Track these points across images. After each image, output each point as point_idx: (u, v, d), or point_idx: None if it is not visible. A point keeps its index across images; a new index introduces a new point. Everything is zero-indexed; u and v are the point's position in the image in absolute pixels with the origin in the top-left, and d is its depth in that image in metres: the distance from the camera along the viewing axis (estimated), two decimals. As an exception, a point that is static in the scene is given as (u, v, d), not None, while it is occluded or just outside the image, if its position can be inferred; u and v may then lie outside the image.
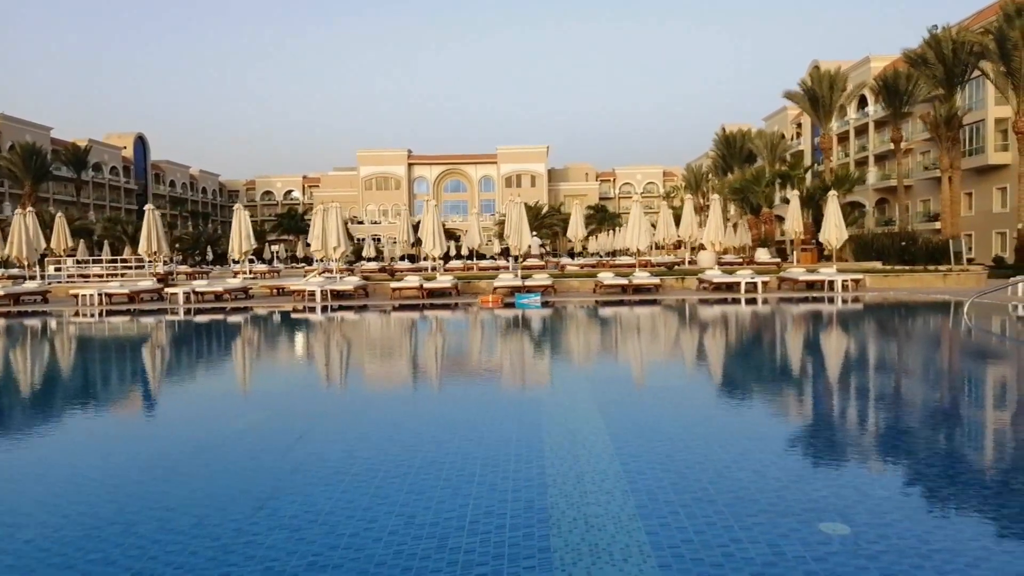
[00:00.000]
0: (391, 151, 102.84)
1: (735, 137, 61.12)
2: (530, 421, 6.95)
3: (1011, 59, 30.54)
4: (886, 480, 4.94)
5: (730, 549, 3.71)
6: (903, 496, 4.57)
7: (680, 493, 4.55)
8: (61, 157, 71.07)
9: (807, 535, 3.86)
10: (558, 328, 16.55)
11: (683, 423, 6.68)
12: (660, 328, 16.53)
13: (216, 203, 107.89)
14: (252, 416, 7.57)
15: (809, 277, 23.62)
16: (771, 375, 10.02)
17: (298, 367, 11.83)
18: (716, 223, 24.81)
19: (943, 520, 4.13)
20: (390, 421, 7.25)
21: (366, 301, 23.53)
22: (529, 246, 61.66)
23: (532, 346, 13.55)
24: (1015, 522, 4.08)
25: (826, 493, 4.53)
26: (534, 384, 9.62)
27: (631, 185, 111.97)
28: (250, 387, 10.03)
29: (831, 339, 14.08)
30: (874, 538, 3.81)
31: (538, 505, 4.41)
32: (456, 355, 13.06)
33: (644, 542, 3.82)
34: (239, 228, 25.27)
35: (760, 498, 4.43)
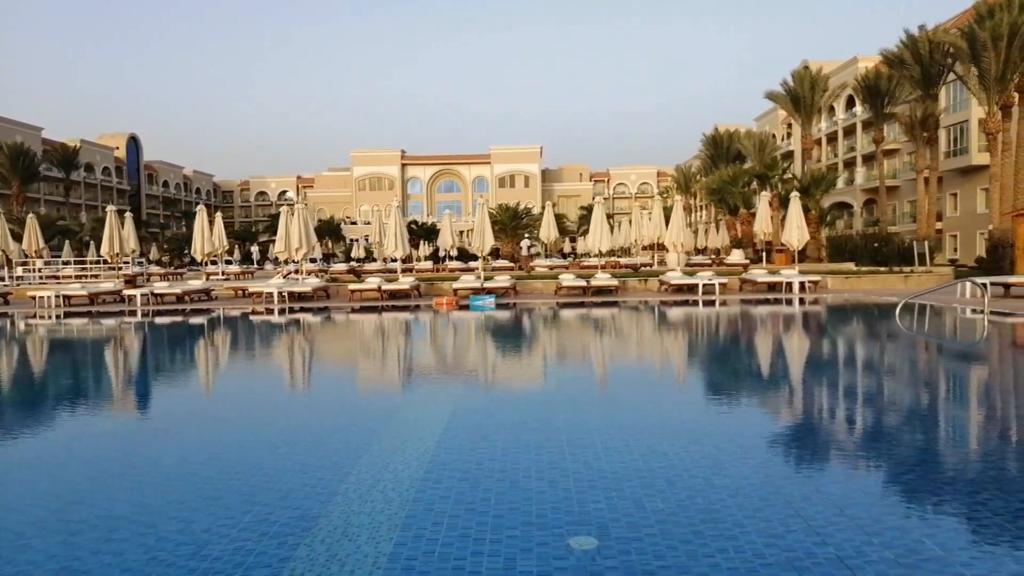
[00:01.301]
0: (385, 151, 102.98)
1: (722, 137, 61.12)
2: (370, 428, 7.02)
3: (981, 60, 30.47)
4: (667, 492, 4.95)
5: (464, 564, 3.73)
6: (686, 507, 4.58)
7: (459, 504, 4.57)
8: (51, 158, 71.23)
9: (551, 549, 3.88)
10: (490, 331, 16.57)
11: (521, 430, 6.66)
12: (588, 331, 16.52)
13: (210, 203, 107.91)
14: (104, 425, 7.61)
15: (769, 279, 23.60)
16: (659, 376, 10.04)
17: (195, 372, 11.86)
18: (678, 225, 24.79)
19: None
20: (224, 422, 7.31)
21: (327, 303, 23.58)
22: (522, 246, 61.79)
23: (441, 350, 13.67)
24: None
25: (602, 505, 4.55)
26: (404, 389, 9.64)
27: (625, 185, 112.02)
28: (140, 394, 10.06)
29: (752, 340, 14.12)
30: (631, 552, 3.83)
31: (311, 513, 4.43)
32: (358, 358, 13.11)
33: (384, 553, 3.84)
34: (201, 229, 25.34)
35: (533, 510, 4.45)
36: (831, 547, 3.81)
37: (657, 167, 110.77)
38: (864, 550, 3.78)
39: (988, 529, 4.07)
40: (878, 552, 3.75)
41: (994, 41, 29.78)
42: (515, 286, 24.44)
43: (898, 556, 3.70)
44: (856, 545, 3.83)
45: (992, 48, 29.90)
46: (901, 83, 40.56)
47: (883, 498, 4.64)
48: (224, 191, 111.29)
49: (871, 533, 4.00)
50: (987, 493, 4.63)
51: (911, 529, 4.06)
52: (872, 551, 3.76)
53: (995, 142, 31.31)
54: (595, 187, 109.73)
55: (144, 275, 31.98)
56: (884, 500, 4.60)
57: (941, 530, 4.06)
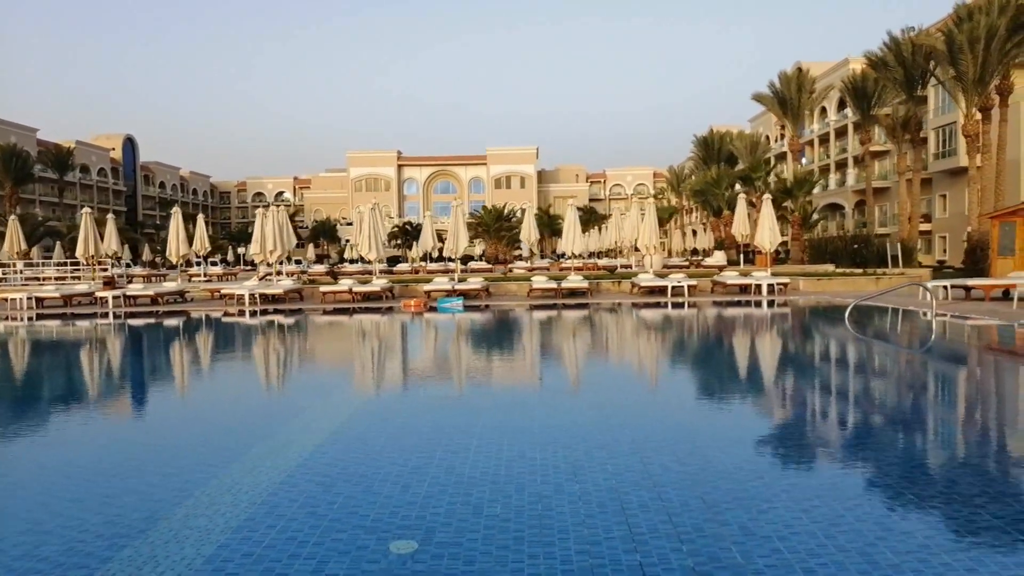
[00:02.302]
0: (381, 152, 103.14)
1: (713, 139, 61.11)
2: (262, 431, 7.16)
3: (959, 62, 30.50)
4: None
5: (276, 566, 3.84)
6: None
7: (303, 507, 4.68)
8: (44, 159, 71.50)
9: (368, 553, 3.99)
10: (441, 334, 16.71)
11: (405, 433, 6.79)
12: (536, 334, 16.62)
13: (207, 204, 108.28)
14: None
15: (739, 281, 23.69)
16: (574, 380, 10.15)
17: (124, 374, 11.99)
18: (651, 227, 24.87)
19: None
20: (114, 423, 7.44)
21: (300, 305, 23.70)
22: (519, 247, 61.78)
23: (378, 353, 13.86)
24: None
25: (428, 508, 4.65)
26: (317, 392, 9.76)
27: (621, 186, 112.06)
28: (80, 397, 10.19)
29: (689, 342, 14.23)
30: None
31: (158, 515, 4.55)
32: (291, 361, 13.25)
33: (204, 555, 3.96)
34: (176, 231, 25.50)
35: (371, 514, 4.56)
36: (639, 555, 3.92)
37: (654, 168, 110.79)
38: (669, 557, 3.88)
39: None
40: (680, 560, 3.85)
41: (971, 44, 29.82)
42: (488, 288, 24.55)
43: (697, 564, 3.80)
44: (663, 553, 3.93)
45: (969, 51, 29.94)
46: (887, 85, 40.61)
47: (708, 505, 4.73)
48: (221, 192, 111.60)
49: (683, 540, 4.10)
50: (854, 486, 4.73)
51: (720, 536, 4.16)
52: (676, 559, 3.86)
53: (973, 144, 31.35)
54: (591, 188, 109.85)
55: (124, 276, 32.14)
56: (715, 506, 4.69)
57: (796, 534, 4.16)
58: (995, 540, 4.04)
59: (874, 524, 4.25)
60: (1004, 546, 3.96)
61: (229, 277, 34.95)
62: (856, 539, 4.04)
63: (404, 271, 35.53)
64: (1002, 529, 4.17)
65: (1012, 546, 3.97)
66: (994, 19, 29.92)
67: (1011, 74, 32.85)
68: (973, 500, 4.65)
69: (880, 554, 3.86)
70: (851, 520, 4.30)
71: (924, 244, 54.63)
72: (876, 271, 25.88)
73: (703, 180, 44.63)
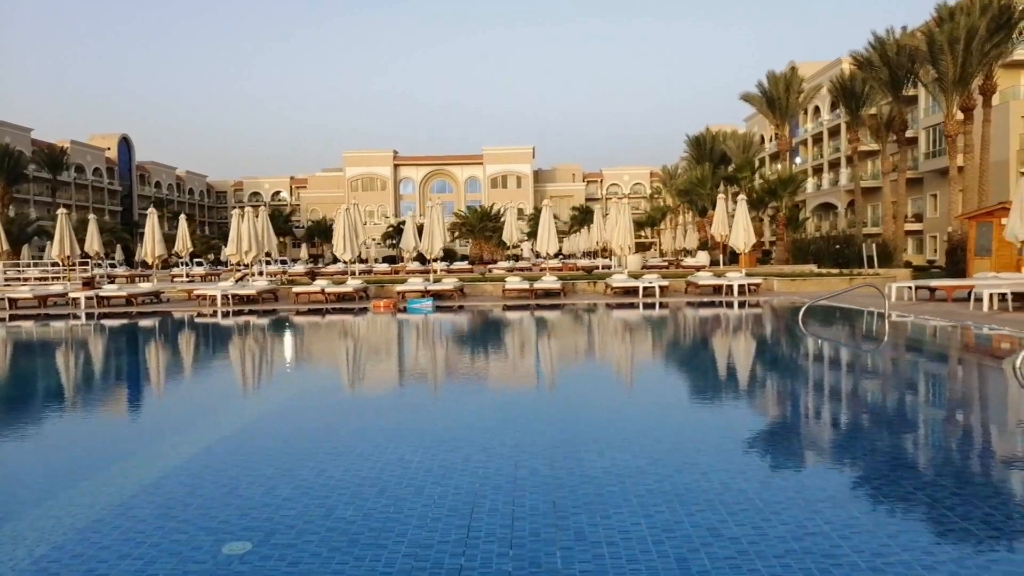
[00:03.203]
0: (377, 152, 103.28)
1: (705, 139, 61.07)
2: (159, 434, 7.27)
3: (939, 63, 30.49)
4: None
5: (100, 566, 3.91)
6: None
7: (156, 509, 4.75)
8: (37, 158, 71.73)
9: (199, 553, 4.06)
10: (396, 335, 16.81)
11: (297, 438, 6.84)
12: (488, 335, 16.72)
13: (204, 204, 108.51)
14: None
15: (712, 281, 23.73)
16: (499, 381, 10.21)
17: (51, 373, 12.08)
18: (624, 227, 24.90)
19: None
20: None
21: (275, 305, 23.79)
22: (519, 247, 61.80)
23: (318, 355, 13.95)
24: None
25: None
26: (236, 395, 9.86)
27: (618, 186, 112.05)
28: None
29: (638, 342, 14.29)
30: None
31: (10, 516, 4.62)
32: (225, 363, 13.31)
33: (35, 555, 4.03)
34: (152, 232, 25.61)
35: (219, 516, 4.63)
36: (463, 559, 3.97)
37: (650, 168, 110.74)
38: (491, 561, 3.94)
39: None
40: (501, 564, 3.91)
41: (951, 44, 29.81)
42: (463, 288, 24.61)
43: (516, 569, 3.86)
44: (488, 557, 3.99)
45: (949, 51, 29.93)
46: (873, 86, 40.61)
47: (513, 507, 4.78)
48: (218, 191, 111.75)
49: (514, 545, 4.16)
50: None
51: (551, 542, 4.21)
52: (498, 563, 3.91)
53: (953, 144, 31.34)
54: (588, 188, 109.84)
55: (106, 277, 32.26)
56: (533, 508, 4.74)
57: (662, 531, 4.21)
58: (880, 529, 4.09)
59: (705, 530, 4.30)
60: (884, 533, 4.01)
61: (212, 277, 35.08)
62: (681, 544, 4.09)
63: (384, 271, 35.59)
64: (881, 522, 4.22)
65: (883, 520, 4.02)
66: (975, 19, 29.91)
67: (994, 74, 32.84)
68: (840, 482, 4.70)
69: (697, 560, 3.91)
70: (687, 526, 4.35)
71: (915, 244, 54.64)
72: (851, 272, 25.89)
73: (688, 180, 44.59)
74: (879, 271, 26.87)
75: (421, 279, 24.99)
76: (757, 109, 48.87)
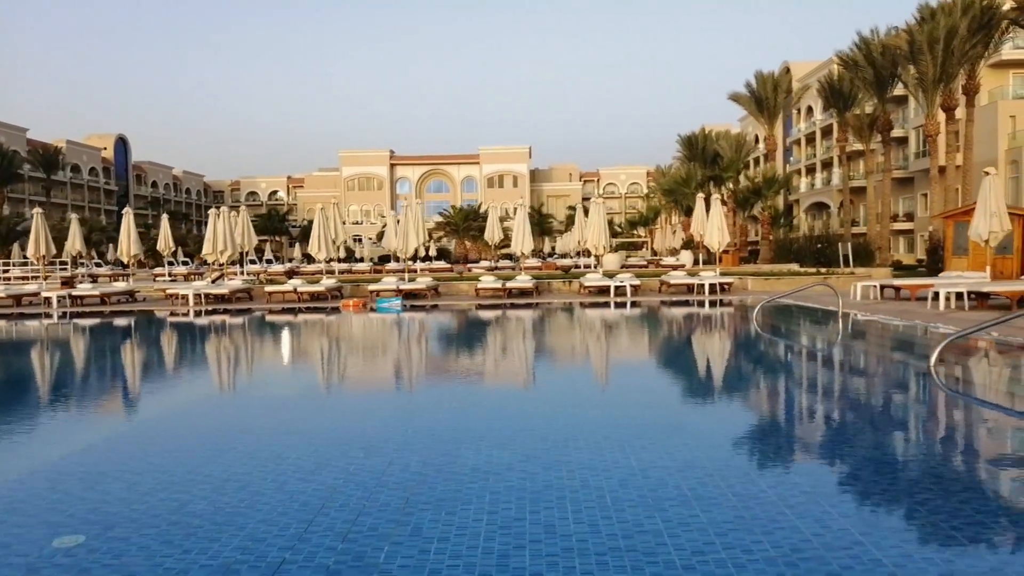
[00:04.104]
0: (373, 152, 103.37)
1: (697, 138, 60.98)
2: (57, 435, 7.31)
3: (919, 63, 30.44)
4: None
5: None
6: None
7: (9, 504, 4.79)
8: (32, 158, 71.92)
9: (27, 546, 4.10)
10: (349, 334, 16.87)
11: (204, 439, 6.90)
12: (443, 335, 16.73)
13: (200, 204, 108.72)
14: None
15: (685, 280, 23.75)
16: (417, 380, 10.24)
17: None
18: (598, 226, 24.92)
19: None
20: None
21: (249, 305, 23.85)
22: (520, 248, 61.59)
23: (255, 354, 13.98)
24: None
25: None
26: (158, 390, 9.94)
27: (615, 186, 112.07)
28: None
29: (589, 339, 14.31)
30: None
31: None
32: (169, 361, 13.39)
33: None
34: (127, 232, 25.69)
35: (67, 511, 4.67)
36: (288, 552, 4.00)
37: (647, 167, 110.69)
38: (315, 553, 3.97)
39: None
40: (323, 557, 3.94)
41: (930, 44, 29.77)
42: (437, 288, 24.65)
43: (336, 562, 3.89)
44: (313, 551, 4.02)
45: (929, 51, 29.88)
46: (859, 85, 40.52)
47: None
48: (215, 191, 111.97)
49: (349, 539, 4.19)
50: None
51: (384, 537, 4.24)
52: (320, 556, 3.94)
53: (934, 144, 31.29)
54: (584, 187, 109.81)
55: (88, 276, 32.35)
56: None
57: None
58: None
59: (541, 528, 4.32)
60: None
61: (195, 277, 35.14)
62: (510, 540, 4.11)
63: (363, 270, 35.64)
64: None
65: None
66: (956, 19, 29.86)
67: (977, 74, 32.79)
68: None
69: (519, 557, 3.93)
70: (527, 524, 4.37)
71: (907, 243, 54.56)
72: (828, 271, 25.89)
73: (673, 179, 44.59)
74: (855, 270, 26.85)
75: (395, 278, 25.03)
76: (745, 109, 48.83)
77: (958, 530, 4.15)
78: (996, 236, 18.10)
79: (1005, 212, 17.99)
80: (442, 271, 33.59)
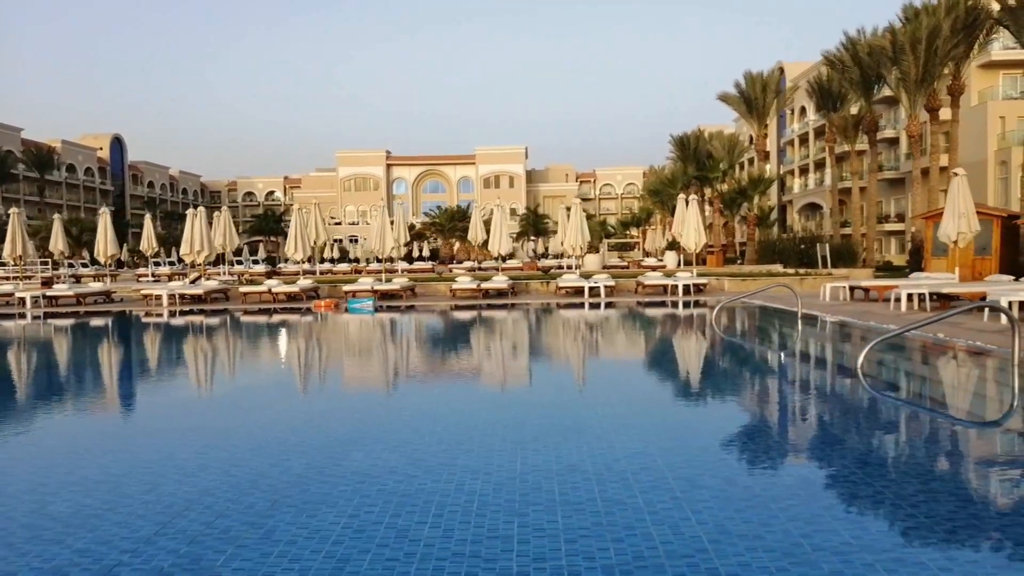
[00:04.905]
0: (370, 152, 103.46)
1: (688, 139, 60.95)
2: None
3: (901, 63, 30.36)
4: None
5: None
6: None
7: None
8: (25, 158, 72.04)
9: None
10: (305, 336, 16.86)
11: (118, 442, 6.88)
12: (397, 336, 16.69)
13: (197, 204, 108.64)
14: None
15: (660, 281, 23.70)
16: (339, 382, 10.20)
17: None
18: (576, 228, 24.88)
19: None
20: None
21: (225, 305, 23.84)
22: (514, 249, 61.45)
23: (194, 356, 13.93)
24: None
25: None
26: (80, 391, 9.90)
27: (611, 186, 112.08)
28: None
29: (541, 339, 14.27)
30: None
31: None
32: (109, 362, 13.36)
33: None
34: (103, 232, 25.69)
35: None
36: (127, 555, 3.96)
37: (643, 168, 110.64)
38: (176, 550, 3.93)
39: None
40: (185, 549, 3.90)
41: (912, 45, 29.68)
42: (414, 288, 24.62)
43: (172, 565, 3.85)
44: (173, 547, 3.98)
45: (911, 51, 29.79)
46: (846, 86, 40.42)
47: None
48: (212, 191, 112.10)
49: (189, 542, 4.14)
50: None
51: (256, 527, 4.20)
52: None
53: (916, 145, 31.20)
54: (581, 188, 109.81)
55: (71, 277, 32.37)
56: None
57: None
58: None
59: (394, 532, 4.28)
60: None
61: (179, 277, 35.16)
62: (355, 544, 4.07)
63: (344, 271, 35.62)
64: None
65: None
66: (939, 20, 29.76)
67: (962, 75, 32.68)
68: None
69: (359, 561, 3.89)
70: (382, 528, 4.33)
71: (899, 244, 54.44)
72: (806, 272, 25.83)
73: (659, 179, 44.51)
74: (832, 271, 26.78)
75: (371, 279, 25.00)
76: (734, 109, 48.74)
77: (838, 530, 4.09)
78: (965, 237, 18.03)
79: (973, 213, 17.92)
80: (422, 271, 33.56)
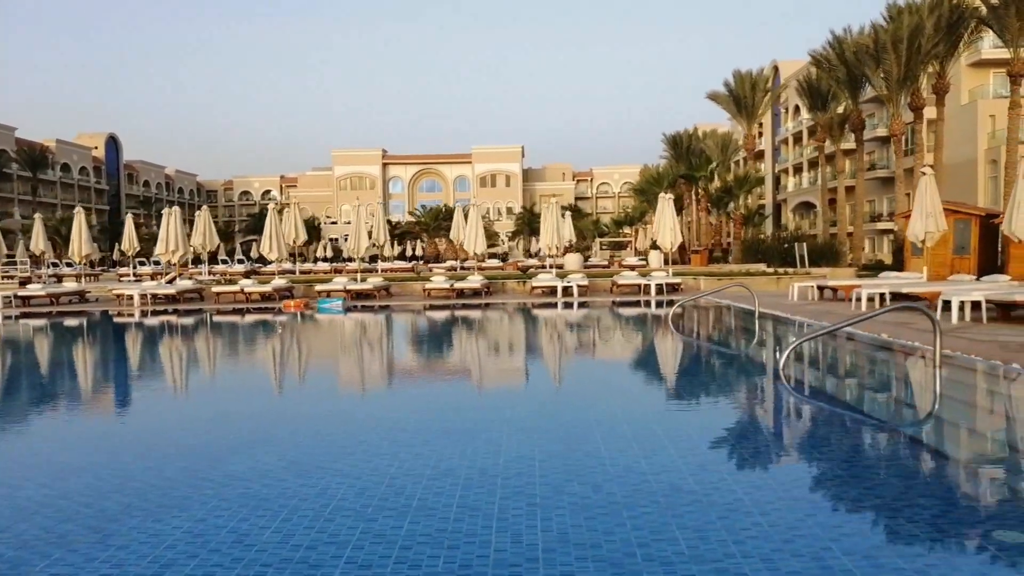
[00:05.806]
0: (366, 151, 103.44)
1: (681, 138, 60.86)
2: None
3: (883, 62, 30.24)
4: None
5: None
6: None
7: None
8: (18, 157, 72.13)
9: None
10: (260, 337, 16.86)
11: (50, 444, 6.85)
12: (352, 337, 16.67)
13: (194, 203, 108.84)
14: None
15: (634, 281, 23.63)
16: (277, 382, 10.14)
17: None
18: (552, 226, 24.83)
19: None
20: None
21: (199, 305, 23.81)
22: (503, 245, 61.24)
23: (143, 356, 13.90)
24: None
25: None
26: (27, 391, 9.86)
27: (608, 185, 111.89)
28: None
29: (500, 340, 14.23)
30: None
31: None
32: (61, 361, 13.33)
33: None
34: (79, 231, 25.69)
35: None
36: (15, 557, 3.90)
37: (640, 167, 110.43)
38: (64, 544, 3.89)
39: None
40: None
41: (895, 44, 29.57)
42: (388, 288, 24.57)
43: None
44: (57, 557, 3.93)
45: (893, 50, 29.67)
46: (833, 85, 40.31)
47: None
48: (208, 190, 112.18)
49: (108, 544, 4.09)
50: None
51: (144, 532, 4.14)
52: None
53: (899, 144, 31.08)
54: (578, 187, 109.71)
55: (53, 277, 32.39)
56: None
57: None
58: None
59: (279, 536, 4.21)
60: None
61: (159, 277, 35.17)
62: (237, 547, 4.01)
63: (324, 270, 35.58)
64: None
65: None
66: (922, 19, 29.65)
67: (947, 74, 32.56)
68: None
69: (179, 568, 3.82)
70: (266, 533, 4.27)
71: (889, 242, 54.30)
72: (777, 271, 25.76)
73: (644, 179, 44.43)
74: (811, 270, 26.69)
75: (346, 278, 24.95)
76: (724, 109, 48.64)
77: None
78: (932, 236, 17.94)
79: (941, 212, 17.84)
80: (400, 271, 33.50)
